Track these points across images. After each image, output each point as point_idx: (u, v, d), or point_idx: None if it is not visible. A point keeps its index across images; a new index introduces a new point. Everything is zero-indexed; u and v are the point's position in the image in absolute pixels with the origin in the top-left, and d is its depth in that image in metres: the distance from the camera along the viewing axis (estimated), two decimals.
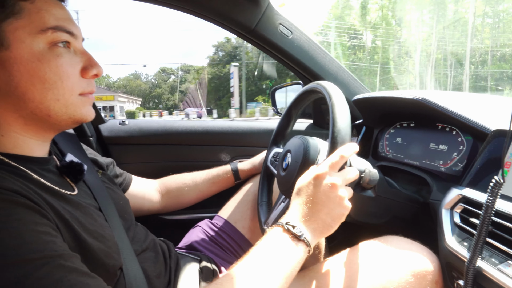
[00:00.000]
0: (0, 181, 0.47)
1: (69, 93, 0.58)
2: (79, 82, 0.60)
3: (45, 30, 0.54)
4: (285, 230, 0.59)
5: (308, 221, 0.60)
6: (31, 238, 0.44)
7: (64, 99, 0.57)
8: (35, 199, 0.49)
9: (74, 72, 0.59)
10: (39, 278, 0.42)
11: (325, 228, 0.61)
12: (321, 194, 0.60)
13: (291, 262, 0.57)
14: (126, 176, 1.02)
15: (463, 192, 0.67)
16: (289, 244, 0.58)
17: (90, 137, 1.19)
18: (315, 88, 0.78)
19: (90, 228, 0.57)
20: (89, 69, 0.61)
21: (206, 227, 1.05)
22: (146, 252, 0.77)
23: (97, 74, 0.62)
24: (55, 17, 0.56)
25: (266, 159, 1.01)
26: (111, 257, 0.59)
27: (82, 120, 0.62)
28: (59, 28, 0.56)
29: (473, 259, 0.57)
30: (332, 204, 0.60)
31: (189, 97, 50.79)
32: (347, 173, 0.63)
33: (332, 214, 0.60)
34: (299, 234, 0.58)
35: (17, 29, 0.53)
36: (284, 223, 0.59)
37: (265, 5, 1.04)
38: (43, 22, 0.54)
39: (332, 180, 0.60)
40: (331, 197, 0.60)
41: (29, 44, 0.53)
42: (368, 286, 0.67)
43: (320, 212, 0.60)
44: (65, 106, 0.58)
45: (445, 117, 0.79)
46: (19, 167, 0.55)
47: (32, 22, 0.54)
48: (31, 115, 0.56)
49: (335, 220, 0.61)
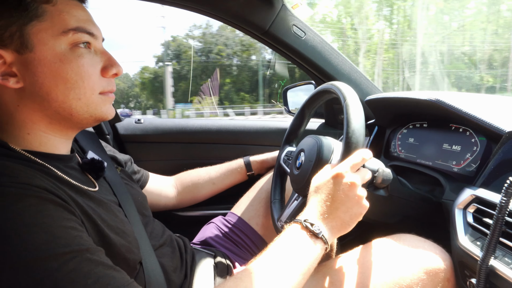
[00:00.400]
0: (31, 179, 0.49)
1: (90, 92, 0.60)
2: (100, 81, 0.61)
3: (67, 31, 0.56)
4: (303, 227, 0.60)
5: (327, 219, 0.61)
6: (60, 233, 0.46)
7: (86, 98, 0.59)
8: (63, 196, 0.51)
9: (95, 72, 0.60)
10: (69, 271, 0.44)
11: (343, 226, 0.62)
12: (340, 193, 0.61)
13: (309, 259, 0.58)
14: (143, 173, 1.05)
15: (477, 192, 0.68)
16: (307, 241, 0.59)
17: (107, 135, 1.22)
18: (329, 89, 0.79)
19: (112, 224, 0.59)
20: (109, 68, 0.62)
21: (219, 223, 1.07)
22: (163, 247, 0.80)
23: (117, 73, 0.64)
24: (76, 19, 0.58)
25: (279, 158, 1.03)
26: (131, 252, 0.61)
27: (102, 118, 0.64)
28: (80, 29, 0.57)
29: (487, 258, 0.58)
30: (351, 203, 0.61)
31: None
32: (365, 174, 0.65)
33: (350, 212, 0.62)
34: (317, 232, 0.59)
35: (40, 31, 0.54)
36: (302, 220, 0.61)
37: (279, 6, 1.05)
38: (64, 24, 0.56)
39: (352, 179, 0.61)
40: (350, 195, 0.61)
41: (52, 45, 0.55)
42: (380, 283, 0.68)
43: (338, 210, 0.61)
44: (86, 105, 0.60)
45: (459, 118, 0.79)
46: (45, 164, 0.57)
47: (54, 24, 0.55)
48: (55, 114, 0.59)
49: (353, 218, 0.62)
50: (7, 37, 0.53)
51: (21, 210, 0.45)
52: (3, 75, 0.54)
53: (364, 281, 0.69)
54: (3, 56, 0.53)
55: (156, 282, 0.68)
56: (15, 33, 0.53)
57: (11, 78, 0.54)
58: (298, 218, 0.63)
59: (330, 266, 0.75)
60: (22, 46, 0.54)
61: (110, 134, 1.25)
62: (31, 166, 0.54)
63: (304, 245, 0.59)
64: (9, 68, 0.54)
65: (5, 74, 0.54)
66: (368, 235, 0.81)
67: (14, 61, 0.54)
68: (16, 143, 0.57)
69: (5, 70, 0.54)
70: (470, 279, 0.64)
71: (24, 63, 0.54)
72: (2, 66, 0.54)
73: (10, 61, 0.54)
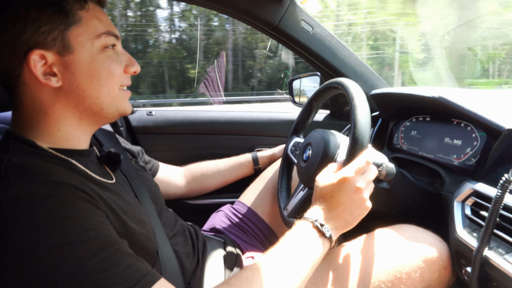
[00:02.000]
0: (61, 177, 0.53)
1: (115, 87, 0.66)
2: (122, 77, 0.68)
3: (99, 35, 0.62)
4: (314, 226, 0.65)
5: (333, 220, 0.67)
6: (91, 226, 0.51)
7: (113, 92, 0.66)
8: (90, 192, 0.56)
9: (120, 69, 0.67)
10: (100, 259, 0.48)
11: (347, 225, 0.68)
12: (346, 198, 0.66)
13: (317, 255, 0.64)
14: (154, 163, 1.10)
15: (475, 186, 0.71)
16: (317, 240, 0.65)
17: (121, 127, 1.27)
18: (338, 86, 0.81)
19: (131, 215, 0.63)
20: (130, 66, 0.69)
21: (228, 211, 1.12)
22: (176, 236, 0.84)
23: (136, 71, 0.70)
24: (104, 23, 0.64)
25: (286, 148, 1.07)
26: (150, 241, 0.66)
27: (125, 113, 0.70)
28: (109, 33, 0.64)
29: (481, 248, 0.62)
30: (355, 206, 0.67)
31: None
32: (369, 175, 0.69)
33: (354, 214, 0.67)
34: (326, 232, 0.65)
35: (78, 35, 0.60)
36: (314, 220, 0.66)
37: (288, 2, 1.07)
38: (97, 28, 0.62)
39: (358, 184, 0.66)
40: (355, 199, 0.66)
41: (89, 48, 0.61)
42: (382, 270, 0.73)
43: (344, 213, 0.67)
44: (114, 99, 0.66)
45: (461, 113, 0.82)
46: (69, 160, 0.62)
47: (89, 29, 0.61)
48: (87, 110, 0.64)
49: (356, 218, 0.68)
50: (50, 40, 0.58)
51: (55, 206, 0.49)
52: (45, 75, 0.59)
53: (366, 269, 0.74)
54: (46, 57, 0.58)
55: (171, 269, 0.72)
56: (57, 37, 0.58)
57: (52, 78, 0.59)
58: (308, 216, 0.68)
59: (334, 254, 0.80)
60: (64, 49, 0.59)
61: (123, 126, 1.29)
62: (58, 164, 0.58)
63: (314, 243, 0.64)
64: (50, 69, 0.59)
65: (46, 74, 0.59)
66: (369, 224, 0.84)
67: (55, 62, 0.59)
68: (43, 140, 0.61)
69: (46, 70, 0.59)
70: (465, 267, 0.68)
71: (65, 64, 0.60)
72: (44, 66, 0.58)
73: (51, 62, 0.59)
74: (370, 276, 0.73)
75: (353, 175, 0.66)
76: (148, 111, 1.39)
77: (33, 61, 0.57)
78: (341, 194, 0.66)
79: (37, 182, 0.50)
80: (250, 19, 1.11)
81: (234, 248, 0.96)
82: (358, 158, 0.68)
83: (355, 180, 0.66)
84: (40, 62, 0.58)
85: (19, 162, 0.54)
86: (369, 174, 0.69)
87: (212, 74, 3.32)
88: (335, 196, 0.67)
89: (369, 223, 0.77)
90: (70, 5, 0.59)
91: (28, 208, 0.48)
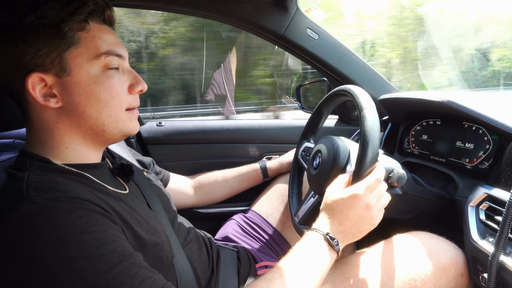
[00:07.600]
0: (78, 192, 0.55)
1: (119, 109, 0.65)
2: (127, 98, 0.66)
3: (99, 55, 0.61)
4: (325, 239, 0.67)
5: (341, 233, 0.68)
6: (108, 240, 0.52)
7: (115, 115, 0.65)
8: (105, 207, 0.57)
9: (123, 90, 0.66)
10: (118, 273, 0.50)
11: (353, 238, 0.70)
12: (355, 214, 0.67)
13: (327, 267, 0.66)
14: (165, 173, 1.11)
15: (489, 191, 0.70)
16: (327, 252, 0.67)
17: (131, 138, 1.29)
18: (348, 94, 0.80)
19: (145, 225, 0.64)
20: (135, 86, 0.67)
21: (240, 220, 1.13)
22: (190, 244, 0.85)
23: (142, 90, 0.69)
24: (107, 43, 0.63)
25: (296, 153, 1.07)
26: (164, 250, 0.67)
27: (130, 134, 0.69)
28: (110, 53, 0.63)
29: (497, 254, 0.61)
30: (363, 222, 0.68)
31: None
32: (379, 192, 0.70)
33: (361, 229, 0.69)
34: (336, 246, 0.67)
35: (76, 56, 0.60)
36: (325, 234, 0.67)
37: (293, 11, 1.08)
38: (97, 49, 0.61)
39: (368, 201, 0.67)
40: (364, 216, 0.67)
41: (87, 69, 0.61)
42: (396, 278, 0.72)
43: (351, 228, 0.68)
44: (116, 121, 0.65)
45: (472, 117, 0.81)
46: (83, 174, 0.63)
47: (88, 49, 0.61)
48: (89, 130, 0.64)
49: (362, 233, 0.69)
50: (48, 63, 0.58)
51: (74, 221, 0.50)
52: (44, 96, 0.60)
53: (379, 278, 0.73)
54: (45, 80, 0.59)
55: (187, 279, 0.73)
56: (55, 59, 0.59)
57: (51, 99, 0.60)
58: (318, 227, 0.69)
59: (347, 263, 0.80)
60: (61, 71, 0.59)
61: (133, 138, 1.31)
62: (74, 179, 0.60)
63: (325, 255, 0.66)
64: (50, 90, 0.60)
65: (46, 95, 0.60)
66: (382, 232, 0.84)
67: (54, 83, 0.60)
68: (56, 157, 0.63)
69: (46, 91, 0.60)
70: (482, 273, 0.68)
71: (63, 85, 0.60)
72: (44, 88, 0.60)
73: (50, 83, 0.60)
74: (385, 285, 0.72)
75: (363, 192, 0.67)
76: (158, 122, 1.41)
77: (32, 84, 0.58)
78: (351, 210, 0.67)
79: (56, 198, 0.52)
80: (257, 29, 1.13)
81: (248, 257, 0.97)
82: (370, 175, 0.68)
83: (365, 198, 0.67)
84: (39, 85, 0.59)
85: (38, 179, 0.55)
86: (379, 191, 0.69)
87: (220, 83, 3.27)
88: (345, 212, 0.68)
89: (382, 230, 0.76)
90: (69, 27, 0.58)
91: (48, 223, 0.49)
